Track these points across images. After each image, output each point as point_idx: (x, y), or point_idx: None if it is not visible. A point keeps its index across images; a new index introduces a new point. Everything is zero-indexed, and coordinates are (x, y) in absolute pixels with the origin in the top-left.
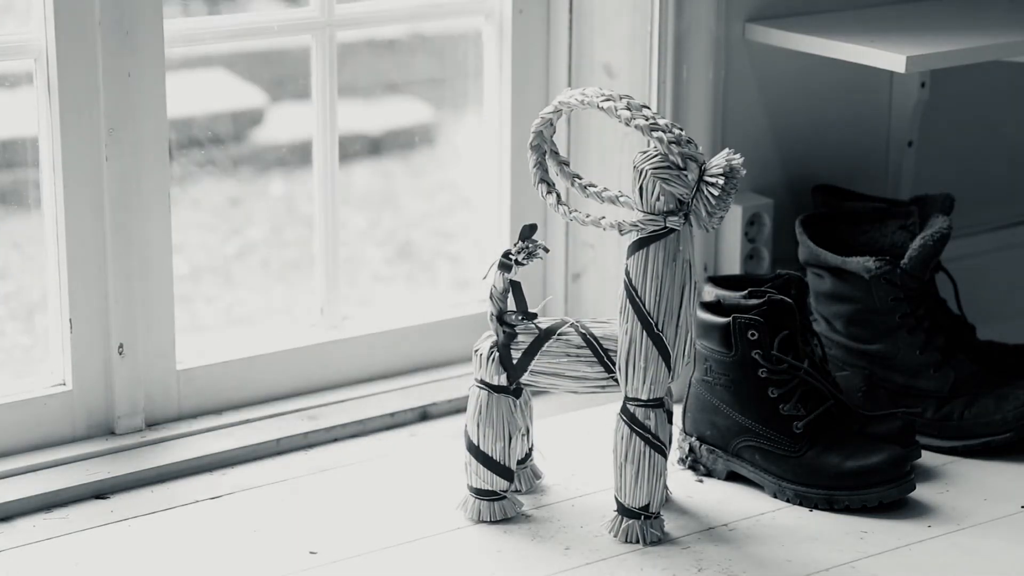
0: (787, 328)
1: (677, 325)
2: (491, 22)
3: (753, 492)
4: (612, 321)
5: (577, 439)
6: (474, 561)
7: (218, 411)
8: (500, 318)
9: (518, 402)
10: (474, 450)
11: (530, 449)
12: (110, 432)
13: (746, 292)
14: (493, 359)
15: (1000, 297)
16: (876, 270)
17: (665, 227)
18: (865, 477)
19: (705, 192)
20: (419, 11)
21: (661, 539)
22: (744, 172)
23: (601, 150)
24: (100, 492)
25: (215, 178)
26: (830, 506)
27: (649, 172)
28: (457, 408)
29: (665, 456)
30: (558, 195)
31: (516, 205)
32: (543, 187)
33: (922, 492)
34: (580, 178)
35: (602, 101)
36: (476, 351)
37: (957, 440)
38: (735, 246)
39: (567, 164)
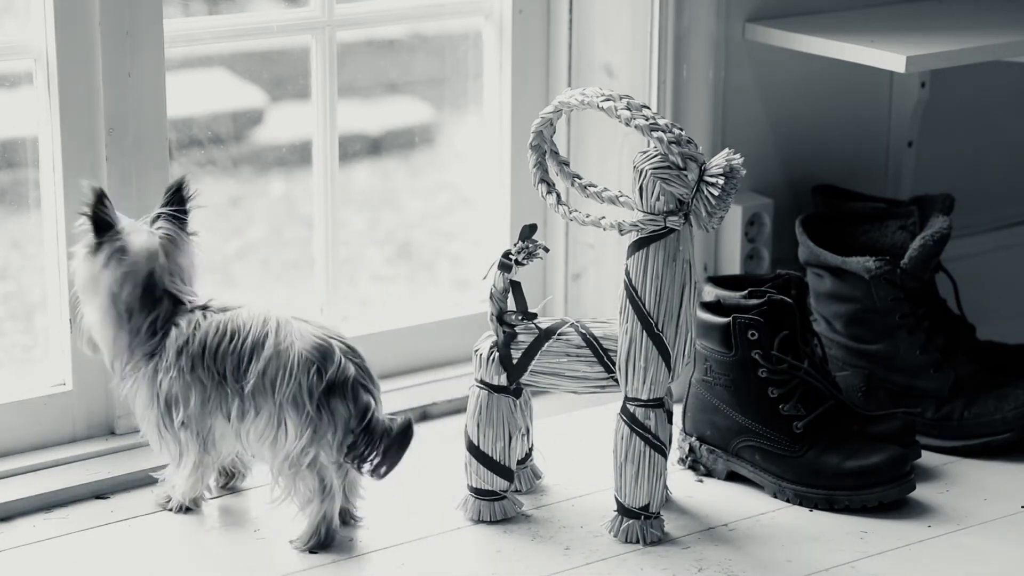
0: (787, 328)
1: (677, 325)
2: (491, 22)
3: (753, 492)
4: (612, 321)
5: (577, 439)
6: (474, 561)
7: None
8: (500, 318)
9: (518, 402)
10: (474, 450)
11: (530, 449)
12: (110, 432)
13: (746, 292)
14: (493, 359)
15: (1000, 297)
16: (876, 270)
17: (665, 227)
18: (865, 477)
19: (705, 192)
20: (419, 11)
21: (661, 539)
22: (744, 172)
23: (601, 150)
24: (100, 492)
25: (215, 178)
26: (830, 506)
27: (649, 172)
28: (457, 408)
29: (665, 456)
30: (558, 195)
31: (516, 205)
32: (543, 187)
33: (922, 492)
34: (580, 178)
35: (602, 101)
36: (476, 351)
37: (957, 440)
38: (735, 246)
39: (567, 164)
